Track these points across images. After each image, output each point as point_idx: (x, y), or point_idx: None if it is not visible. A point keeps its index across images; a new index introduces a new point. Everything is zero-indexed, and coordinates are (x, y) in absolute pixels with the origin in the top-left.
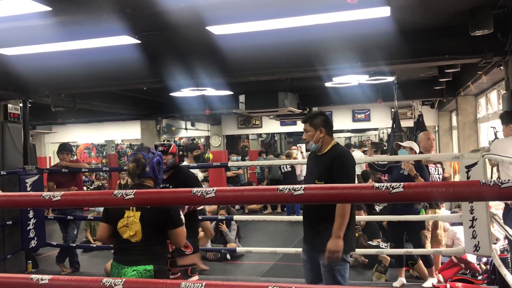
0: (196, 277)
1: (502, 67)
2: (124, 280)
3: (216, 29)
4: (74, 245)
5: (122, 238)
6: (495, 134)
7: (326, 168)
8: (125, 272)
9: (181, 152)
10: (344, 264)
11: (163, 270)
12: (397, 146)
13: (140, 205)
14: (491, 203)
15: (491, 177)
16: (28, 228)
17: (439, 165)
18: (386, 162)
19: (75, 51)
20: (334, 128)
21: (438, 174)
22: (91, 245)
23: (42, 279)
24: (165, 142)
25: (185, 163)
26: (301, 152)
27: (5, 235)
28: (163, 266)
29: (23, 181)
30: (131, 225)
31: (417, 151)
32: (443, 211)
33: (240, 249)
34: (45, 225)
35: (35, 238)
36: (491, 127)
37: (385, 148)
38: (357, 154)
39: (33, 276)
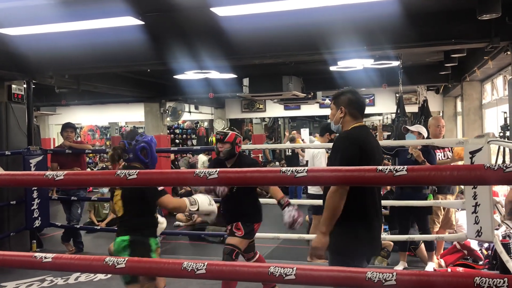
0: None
1: (509, 52)
2: (126, 259)
3: (220, 11)
4: (78, 226)
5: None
6: (505, 119)
7: (330, 154)
8: (114, 243)
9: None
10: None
11: (139, 241)
12: (405, 130)
13: (143, 185)
14: (500, 192)
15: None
16: (32, 208)
17: (447, 149)
18: (394, 146)
19: (79, 31)
20: None
21: (447, 158)
22: (95, 227)
23: (45, 257)
24: (225, 130)
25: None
26: (302, 140)
27: (9, 214)
28: (140, 237)
29: (27, 162)
30: (116, 202)
31: (425, 135)
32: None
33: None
34: (49, 206)
35: (39, 218)
36: (502, 112)
37: (389, 133)
38: None
39: (36, 254)
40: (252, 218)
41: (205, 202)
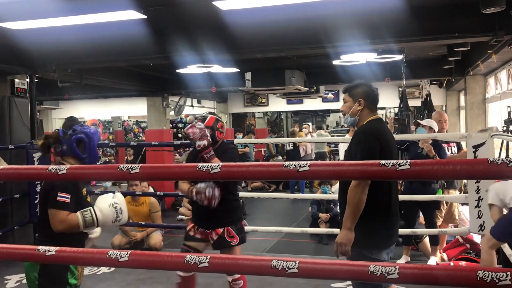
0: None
1: None
2: (129, 252)
3: (223, 4)
4: None
5: None
6: (509, 113)
7: (350, 147)
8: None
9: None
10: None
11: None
12: (415, 124)
13: (147, 179)
14: None
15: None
16: (35, 201)
17: (452, 144)
18: (404, 140)
19: (81, 25)
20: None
21: (452, 153)
22: None
23: (49, 251)
24: (204, 114)
25: None
26: (310, 132)
27: (13, 208)
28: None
29: (30, 156)
30: None
31: (436, 130)
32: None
33: (245, 228)
34: None
35: None
36: (506, 106)
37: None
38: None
39: (40, 247)
40: (238, 216)
41: (107, 213)
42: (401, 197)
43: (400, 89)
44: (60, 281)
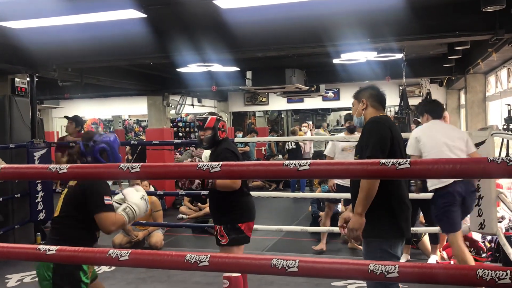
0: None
1: None
2: (130, 251)
3: (223, 3)
4: None
5: None
6: (509, 112)
7: (359, 141)
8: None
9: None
10: (381, 255)
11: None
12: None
13: (147, 178)
14: (504, 185)
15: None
16: (36, 201)
17: None
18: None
19: (82, 24)
20: (341, 106)
21: None
22: None
23: (49, 250)
24: (205, 115)
25: None
26: (310, 130)
27: (14, 207)
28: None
29: (31, 155)
30: (60, 201)
31: None
32: None
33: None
34: (53, 198)
35: (44, 211)
36: (506, 104)
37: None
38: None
39: (40, 246)
40: (234, 218)
41: (142, 206)
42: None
43: (400, 87)
44: (74, 279)
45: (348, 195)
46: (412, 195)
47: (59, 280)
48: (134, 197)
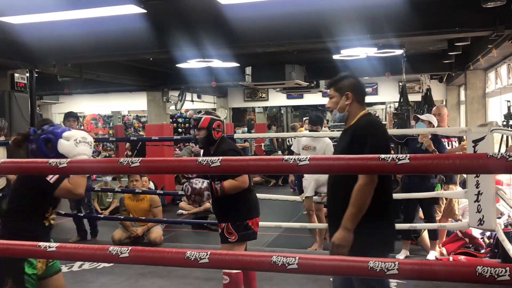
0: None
1: None
2: (130, 248)
3: None
4: (81, 214)
5: None
6: (509, 108)
7: (347, 144)
8: None
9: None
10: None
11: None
12: (415, 119)
13: (147, 173)
14: (504, 181)
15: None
16: None
17: (454, 139)
18: (403, 134)
19: (81, 20)
20: None
21: (451, 148)
22: (98, 215)
23: (49, 247)
24: (200, 114)
25: None
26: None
27: None
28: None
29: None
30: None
31: (435, 125)
32: (459, 188)
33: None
34: None
35: None
36: (506, 100)
37: (396, 121)
38: None
39: (41, 243)
40: (241, 214)
41: (83, 151)
42: (400, 195)
43: (400, 83)
44: (17, 270)
45: None
46: (410, 195)
47: (2, 271)
48: (71, 151)
